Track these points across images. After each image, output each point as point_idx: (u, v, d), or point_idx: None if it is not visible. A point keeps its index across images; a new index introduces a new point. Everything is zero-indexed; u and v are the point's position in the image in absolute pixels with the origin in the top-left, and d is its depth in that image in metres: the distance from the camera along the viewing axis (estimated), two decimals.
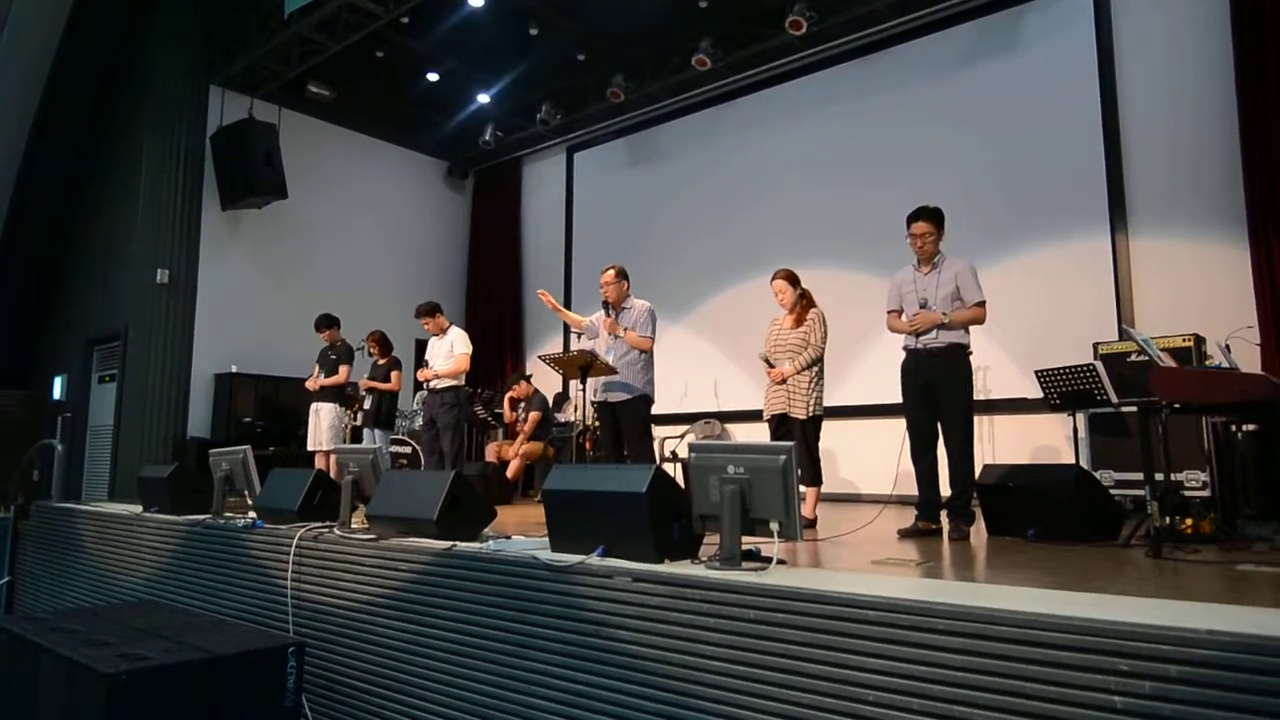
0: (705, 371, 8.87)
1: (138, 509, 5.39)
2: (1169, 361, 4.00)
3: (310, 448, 7.40)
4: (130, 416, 8.39)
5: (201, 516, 4.79)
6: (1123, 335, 5.97)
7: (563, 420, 8.71)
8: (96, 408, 9.21)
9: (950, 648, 2.02)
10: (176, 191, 8.76)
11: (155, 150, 8.67)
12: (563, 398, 9.30)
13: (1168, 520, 3.73)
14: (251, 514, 4.60)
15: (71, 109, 9.44)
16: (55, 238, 9.93)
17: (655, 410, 5.37)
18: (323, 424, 7.30)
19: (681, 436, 8.23)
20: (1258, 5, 6.05)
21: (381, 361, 7.49)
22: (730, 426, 8.65)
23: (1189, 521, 3.87)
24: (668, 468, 7.33)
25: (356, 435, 7.56)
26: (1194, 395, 3.62)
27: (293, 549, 3.92)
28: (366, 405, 7.39)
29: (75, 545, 5.72)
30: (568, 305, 7.25)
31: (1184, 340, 5.46)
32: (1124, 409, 4.79)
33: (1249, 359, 5.44)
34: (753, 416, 6.62)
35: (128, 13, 9.10)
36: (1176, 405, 3.58)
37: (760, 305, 5.96)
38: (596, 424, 5.83)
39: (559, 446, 8.13)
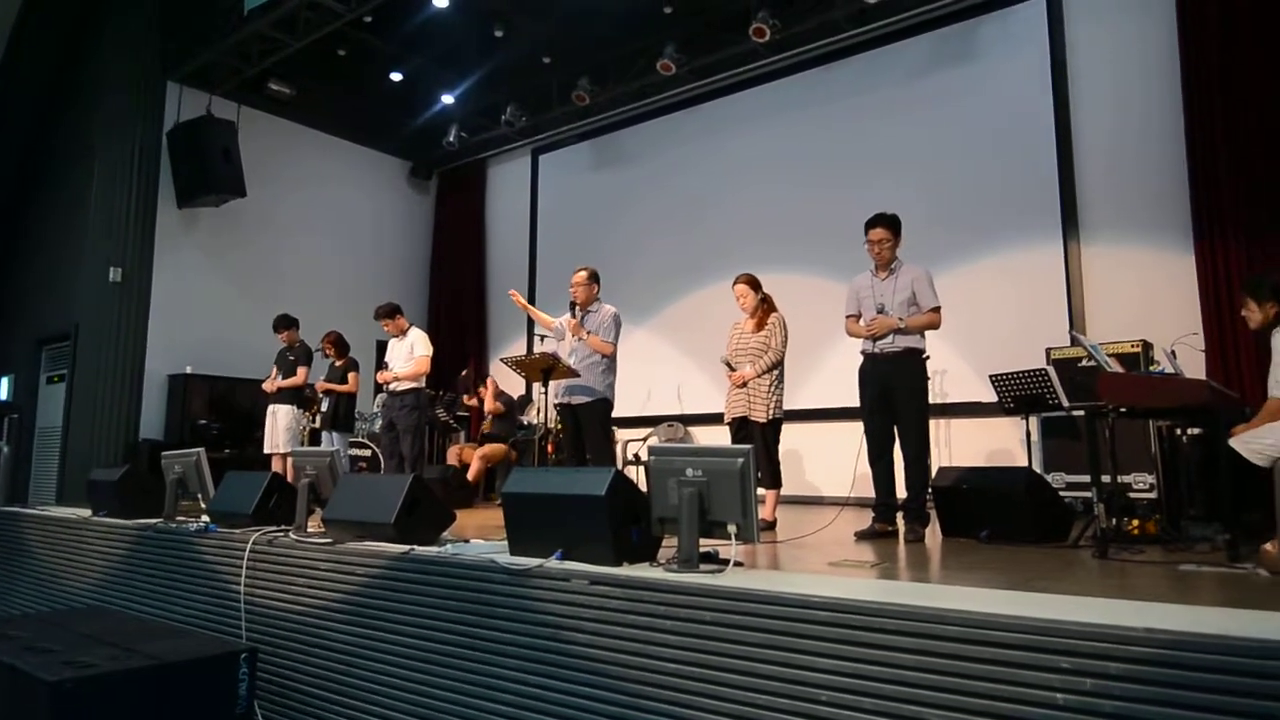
0: (668, 374, 8.90)
1: (86, 513, 5.27)
2: (1116, 367, 4.11)
3: (267, 450, 7.26)
4: (80, 418, 8.17)
5: (152, 520, 4.70)
6: (1074, 341, 6.11)
7: (525, 423, 8.68)
8: (45, 409, 8.96)
9: (902, 647, 2.06)
10: (131, 188, 8.55)
11: (109, 146, 8.46)
12: (525, 400, 9.27)
13: (1114, 521, 3.83)
14: (204, 518, 4.52)
15: (24, 103, 9.18)
16: (4, 234, 9.65)
17: (618, 413, 5.38)
18: (280, 426, 7.17)
19: (644, 439, 8.24)
20: (1203, 18, 6.24)
21: (338, 363, 7.38)
22: (693, 429, 8.69)
23: (1135, 522, 4.00)
24: (630, 471, 7.36)
25: (315, 438, 7.46)
26: (1139, 400, 3.72)
27: (246, 553, 3.85)
28: (324, 408, 7.29)
29: (21, 549, 5.56)
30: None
31: (1132, 346, 5.62)
32: (1075, 413, 4.91)
33: (1194, 365, 5.59)
34: (715, 419, 6.66)
35: (82, 6, 8.88)
36: (1122, 409, 3.67)
37: (723, 309, 6.00)
38: (559, 426, 5.82)
39: (521, 449, 8.09)
